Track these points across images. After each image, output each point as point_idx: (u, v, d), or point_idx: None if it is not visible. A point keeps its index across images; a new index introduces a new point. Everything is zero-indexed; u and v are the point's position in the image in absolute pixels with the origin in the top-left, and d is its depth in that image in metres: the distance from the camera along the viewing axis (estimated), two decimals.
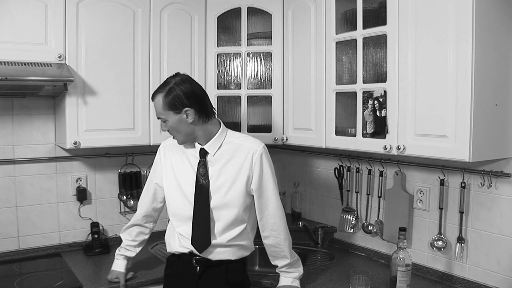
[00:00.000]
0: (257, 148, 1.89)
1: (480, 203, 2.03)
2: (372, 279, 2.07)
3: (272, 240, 1.95)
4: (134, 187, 2.77)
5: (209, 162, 1.91)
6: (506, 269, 1.94)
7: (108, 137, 2.41)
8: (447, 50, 1.79)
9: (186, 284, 1.96)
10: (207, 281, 1.93)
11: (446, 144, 1.82)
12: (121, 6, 2.40)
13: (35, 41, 2.19)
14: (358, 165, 2.58)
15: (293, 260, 2.00)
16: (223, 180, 1.89)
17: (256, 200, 1.92)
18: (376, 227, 2.47)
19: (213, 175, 1.90)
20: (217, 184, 1.89)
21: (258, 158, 1.88)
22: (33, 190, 2.54)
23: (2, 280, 2.17)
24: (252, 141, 1.93)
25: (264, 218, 1.94)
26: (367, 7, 2.14)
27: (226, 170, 1.90)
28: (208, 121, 1.89)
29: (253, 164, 1.88)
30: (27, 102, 2.50)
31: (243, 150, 1.89)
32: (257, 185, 1.89)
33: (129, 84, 2.46)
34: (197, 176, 1.90)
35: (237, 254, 1.95)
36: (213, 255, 1.92)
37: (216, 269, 1.93)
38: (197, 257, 1.93)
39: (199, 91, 1.88)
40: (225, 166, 1.90)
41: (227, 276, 1.94)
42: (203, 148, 1.91)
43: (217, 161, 1.91)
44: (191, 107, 1.83)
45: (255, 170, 1.88)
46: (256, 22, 2.68)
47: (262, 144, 1.92)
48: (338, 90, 2.31)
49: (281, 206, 1.96)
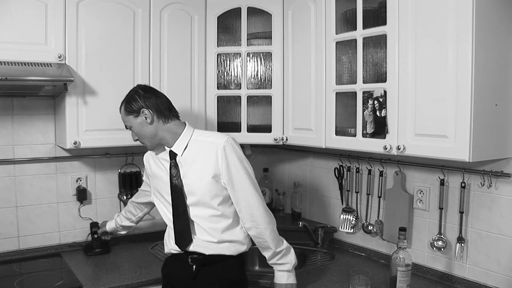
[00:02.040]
0: (220, 142, 1.88)
1: (480, 203, 2.03)
2: (372, 279, 2.07)
3: (254, 231, 1.92)
4: (134, 187, 2.77)
5: (179, 162, 1.94)
6: (506, 269, 1.94)
7: (108, 137, 2.41)
8: (447, 50, 1.79)
9: (182, 283, 1.98)
10: (203, 279, 1.94)
11: (446, 144, 1.82)
12: (121, 6, 2.40)
13: (35, 41, 2.19)
14: (358, 165, 2.58)
15: (279, 249, 1.94)
16: (194, 178, 1.91)
17: (230, 193, 1.91)
18: (376, 227, 2.47)
19: (185, 174, 1.93)
20: (189, 183, 1.92)
21: (222, 152, 1.87)
22: (33, 190, 2.54)
23: (2, 280, 2.17)
24: (217, 136, 1.93)
25: (242, 210, 1.91)
26: (367, 7, 2.14)
27: (195, 168, 1.91)
28: (169, 121, 1.95)
29: (218, 158, 1.87)
30: (27, 102, 2.50)
31: (209, 146, 1.90)
32: (227, 178, 1.88)
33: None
34: (170, 178, 1.94)
35: (231, 249, 1.95)
36: (205, 250, 1.93)
37: (212, 267, 1.94)
38: (192, 256, 1.94)
39: (153, 92, 2.00)
40: (194, 164, 1.92)
41: (222, 274, 1.94)
42: (172, 150, 1.95)
43: (186, 161, 1.93)
44: (147, 108, 1.92)
45: (222, 164, 1.87)
46: (256, 22, 2.68)
47: (226, 137, 1.90)
48: (338, 90, 2.31)
49: (257, 195, 1.91)
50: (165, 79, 2.56)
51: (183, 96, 2.62)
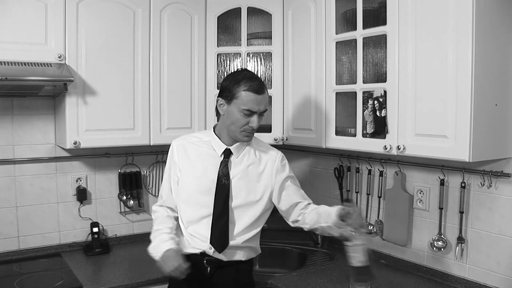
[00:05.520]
0: (277, 155, 1.99)
1: (480, 203, 2.03)
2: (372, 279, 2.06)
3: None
4: (134, 187, 2.78)
5: (231, 162, 1.92)
6: (506, 269, 1.94)
7: (108, 137, 2.41)
8: (447, 50, 1.79)
9: (196, 284, 1.93)
10: (217, 281, 1.93)
11: (446, 144, 1.82)
12: (121, 6, 2.40)
13: (35, 41, 2.19)
14: (358, 165, 2.58)
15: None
16: (246, 182, 1.91)
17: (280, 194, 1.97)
18: (376, 227, 2.47)
19: (235, 176, 1.91)
20: (238, 185, 1.90)
21: (279, 164, 1.97)
22: (33, 190, 2.54)
23: (2, 280, 2.17)
24: (273, 149, 2.02)
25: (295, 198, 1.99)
26: (367, 7, 2.14)
27: (249, 173, 1.92)
28: None
29: (274, 170, 1.95)
30: (27, 102, 2.50)
31: (266, 156, 1.97)
32: (280, 183, 1.96)
33: (129, 84, 2.46)
34: (219, 176, 1.90)
35: (246, 255, 1.97)
36: (226, 256, 1.92)
37: (227, 269, 1.93)
38: (208, 258, 1.91)
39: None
40: (248, 169, 1.93)
41: (237, 276, 1.94)
42: (229, 149, 1.93)
43: (239, 163, 1.93)
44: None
45: (277, 176, 1.95)
46: (256, 22, 2.68)
47: (280, 152, 2.02)
48: (338, 90, 2.31)
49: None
50: (165, 79, 2.56)
51: (183, 96, 2.62)
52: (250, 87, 1.81)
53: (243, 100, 1.81)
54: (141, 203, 2.81)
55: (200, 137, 1.99)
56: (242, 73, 1.88)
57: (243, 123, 1.84)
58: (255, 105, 1.82)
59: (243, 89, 1.82)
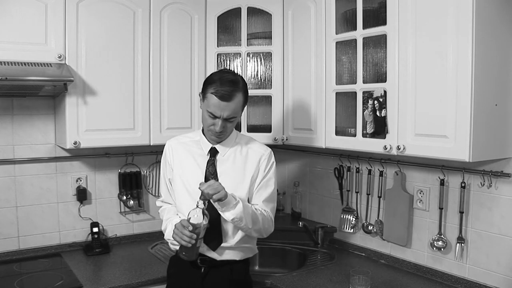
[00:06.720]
0: (264, 152, 1.97)
1: (480, 203, 2.03)
2: (372, 279, 2.07)
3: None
4: (134, 187, 2.78)
5: (218, 161, 1.93)
6: (506, 269, 1.94)
7: (108, 137, 2.41)
8: (447, 50, 1.79)
9: (190, 283, 1.94)
10: (212, 281, 1.93)
11: (446, 144, 1.82)
12: (121, 6, 2.40)
13: (35, 41, 2.19)
14: (358, 165, 2.58)
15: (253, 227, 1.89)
16: (231, 179, 1.91)
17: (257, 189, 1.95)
18: (376, 227, 2.47)
19: (222, 174, 1.92)
20: (226, 182, 1.89)
21: (264, 161, 1.95)
22: (33, 190, 2.54)
23: (2, 280, 2.17)
24: (260, 145, 2.00)
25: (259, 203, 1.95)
26: (367, 7, 2.14)
27: (235, 170, 1.92)
28: None
29: (259, 166, 1.94)
30: (27, 102, 2.50)
31: (252, 153, 1.96)
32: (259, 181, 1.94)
33: (129, 84, 2.46)
34: (206, 175, 1.91)
35: (241, 255, 1.96)
36: (219, 254, 1.92)
37: (221, 269, 1.93)
38: (202, 257, 1.92)
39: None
40: (234, 166, 1.93)
41: (231, 276, 1.94)
42: (214, 147, 1.93)
43: (225, 161, 1.93)
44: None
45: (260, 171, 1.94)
46: (256, 22, 2.68)
47: (269, 149, 2.00)
48: (338, 90, 2.31)
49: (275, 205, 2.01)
50: (165, 79, 2.56)
51: (183, 96, 2.62)
52: (216, 92, 1.79)
53: (208, 103, 1.82)
54: (141, 203, 2.81)
55: (191, 137, 2.02)
56: (220, 75, 1.85)
57: (209, 123, 1.86)
58: (217, 110, 1.80)
59: (210, 91, 1.81)
